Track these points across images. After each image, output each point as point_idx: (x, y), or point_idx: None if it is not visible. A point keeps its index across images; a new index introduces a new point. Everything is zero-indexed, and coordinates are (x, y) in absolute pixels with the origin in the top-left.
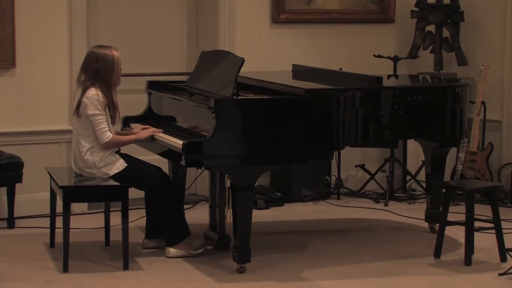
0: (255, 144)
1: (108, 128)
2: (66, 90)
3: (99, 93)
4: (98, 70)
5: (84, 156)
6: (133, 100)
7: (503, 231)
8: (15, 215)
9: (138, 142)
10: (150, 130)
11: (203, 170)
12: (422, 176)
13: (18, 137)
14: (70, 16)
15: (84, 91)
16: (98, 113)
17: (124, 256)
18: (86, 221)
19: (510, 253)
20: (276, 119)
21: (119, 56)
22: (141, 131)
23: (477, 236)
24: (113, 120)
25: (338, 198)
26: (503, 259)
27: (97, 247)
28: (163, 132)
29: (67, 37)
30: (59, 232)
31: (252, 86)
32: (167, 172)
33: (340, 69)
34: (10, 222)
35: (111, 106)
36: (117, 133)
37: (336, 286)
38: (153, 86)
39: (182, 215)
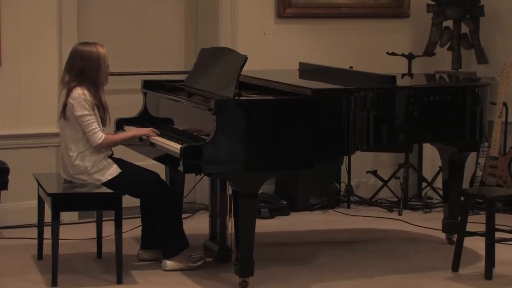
0: (259, 149)
1: (99, 128)
2: (56, 91)
3: (86, 92)
4: (84, 70)
5: (74, 162)
6: (127, 101)
7: None
8: (0, 224)
9: (132, 145)
10: (148, 129)
11: (203, 177)
12: (439, 183)
13: (4, 141)
14: (60, 11)
15: (69, 92)
16: (87, 113)
17: (117, 269)
18: (77, 231)
19: None
20: (281, 122)
21: (106, 52)
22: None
23: (498, 248)
24: (103, 122)
25: (348, 207)
26: None
27: (88, 259)
28: (159, 135)
29: (56, 33)
30: (47, 243)
31: (255, 86)
32: (164, 179)
33: (351, 67)
34: None
35: (100, 107)
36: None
37: None
38: (148, 86)
39: (180, 225)
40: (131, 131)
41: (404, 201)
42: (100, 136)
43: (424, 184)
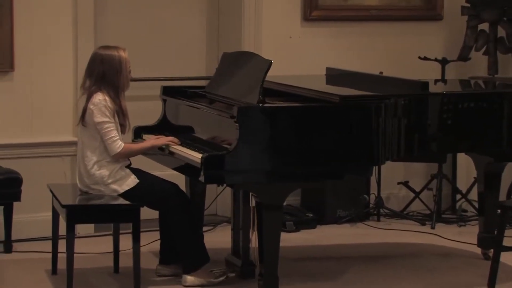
0: (284, 158)
1: (119, 136)
2: (71, 97)
3: (107, 98)
4: (104, 74)
5: (91, 170)
6: (146, 108)
7: None
8: (13, 237)
9: (151, 154)
10: (168, 138)
11: (225, 188)
12: (474, 195)
13: (17, 150)
14: (76, 13)
15: (89, 97)
16: (107, 121)
17: (135, 285)
18: (93, 245)
19: None
20: (307, 130)
21: (127, 56)
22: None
23: None
24: (122, 129)
25: (378, 220)
26: None
27: (105, 274)
28: (180, 144)
29: (72, 37)
30: (62, 257)
31: (280, 92)
32: (184, 190)
33: (381, 73)
34: (7, 245)
35: (120, 113)
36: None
37: None
38: (168, 92)
39: (200, 238)
40: (151, 141)
41: (437, 214)
42: (119, 145)
43: (458, 196)
